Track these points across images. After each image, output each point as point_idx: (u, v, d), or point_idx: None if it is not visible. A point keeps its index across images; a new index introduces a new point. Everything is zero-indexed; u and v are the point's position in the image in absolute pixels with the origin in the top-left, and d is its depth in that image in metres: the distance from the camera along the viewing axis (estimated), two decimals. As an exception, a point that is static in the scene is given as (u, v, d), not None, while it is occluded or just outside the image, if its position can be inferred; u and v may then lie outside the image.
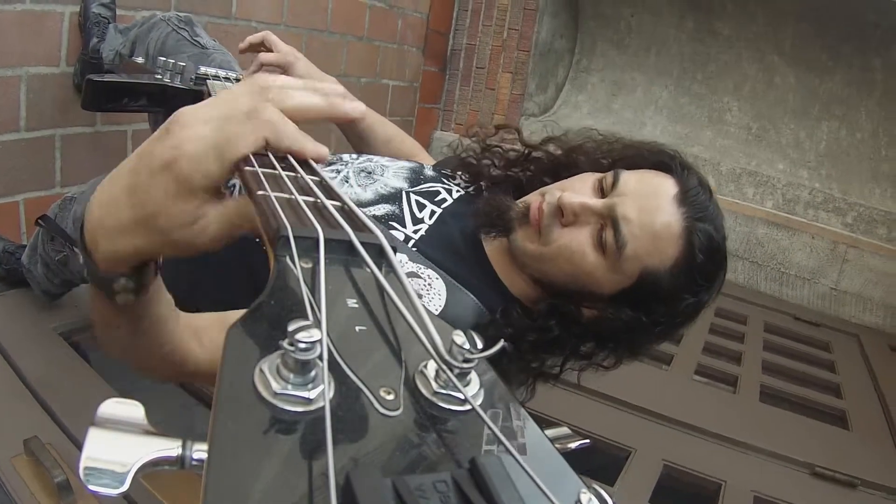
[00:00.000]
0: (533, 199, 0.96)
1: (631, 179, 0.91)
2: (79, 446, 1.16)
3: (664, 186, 0.91)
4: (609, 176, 0.92)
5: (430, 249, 0.94)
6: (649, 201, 0.88)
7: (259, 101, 0.43)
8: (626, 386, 1.73)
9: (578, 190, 0.92)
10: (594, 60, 3.41)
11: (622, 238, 0.87)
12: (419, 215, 1.00)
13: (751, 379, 1.97)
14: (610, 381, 1.71)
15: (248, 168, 0.41)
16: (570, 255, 0.90)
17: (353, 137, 1.37)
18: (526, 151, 1.12)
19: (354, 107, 0.48)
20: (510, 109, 3.38)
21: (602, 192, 0.92)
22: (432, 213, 1.01)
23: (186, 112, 0.43)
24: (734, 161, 2.93)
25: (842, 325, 2.59)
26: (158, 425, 0.26)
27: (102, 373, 1.45)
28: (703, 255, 0.88)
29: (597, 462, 1.53)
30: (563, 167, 1.04)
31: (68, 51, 1.72)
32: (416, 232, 0.97)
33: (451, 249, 0.97)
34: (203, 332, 0.70)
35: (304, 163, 0.44)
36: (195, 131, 0.41)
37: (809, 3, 2.62)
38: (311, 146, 0.44)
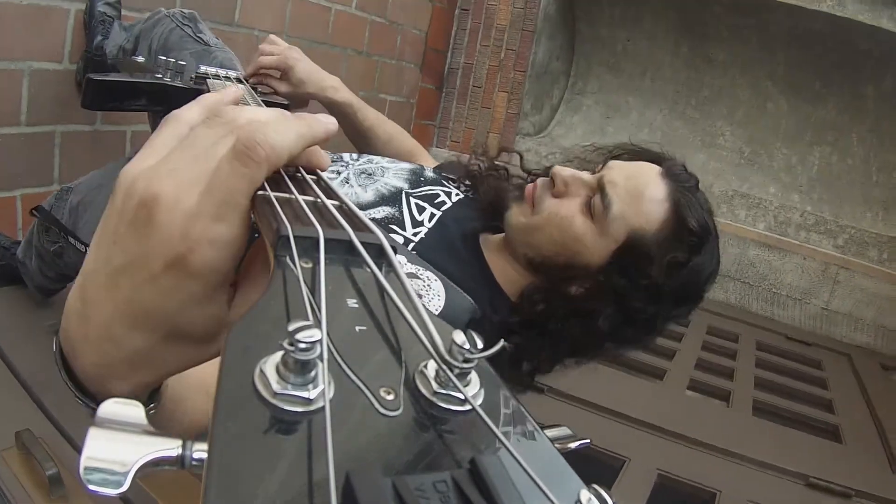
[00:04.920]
0: (528, 184, 1.02)
1: (620, 162, 0.98)
2: (70, 441, 1.15)
3: (651, 166, 0.97)
4: (600, 164, 0.99)
5: (429, 252, 0.95)
6: (637, 171, 0.95)
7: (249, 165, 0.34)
8: (620, 397, 1.74)
9: None
10: (589, 83, 3.46)
11: (608, 199, 0.91)
12: (419, 218, 1.01)
13: (743, 394, 1.98)
14: (604, 392, 1.72)
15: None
16: (559, 222, 0.93)
17: (355, 136, 1.38)
18: (529, 179, 1.14)
19: (331, 121, 0.40)
20: (505, 128, 3.41)
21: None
22: (432, 215, 1.02)
23: (159, 177, 0.33)
24: (726, 183, 2.97)
25: (833, 344, 2.61)
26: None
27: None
28: (689, 216, 0.91)
29: (591, 471, 1.52)
30: None
31: (72, 48, 1.72)
32: (415, 235, 0.98)
33: (449, 252, 0.98)
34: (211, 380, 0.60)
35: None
36: (189, 205, 0.32)
37: (802, 30, 2.68)
38: (317, 157, 0.41)
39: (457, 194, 1.10)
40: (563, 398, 1.70)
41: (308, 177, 0.41)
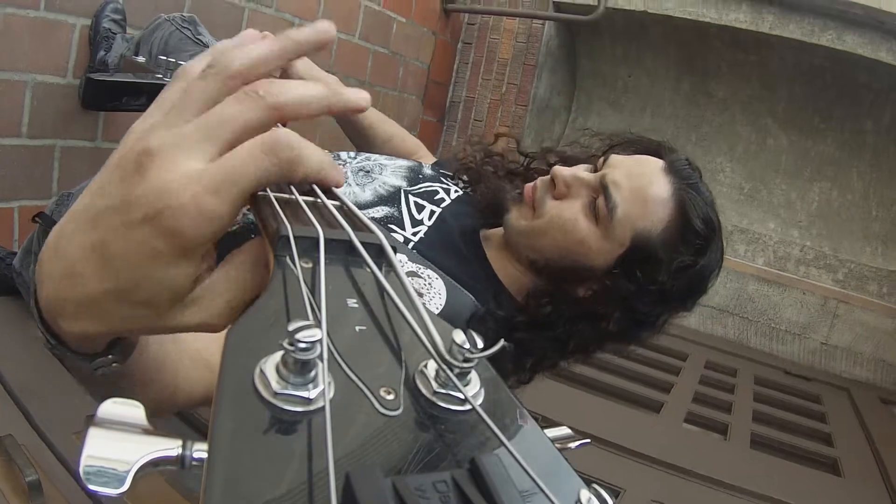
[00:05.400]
0: (527, 184, 0.99)
1: (620, 157, 0.94)
2: (53, 449, 1.13)
3: (654, 161, 0.94)
4: (601, 158, 0.96)
5: (430, 250, 0.94)
6: (639, 169, 0.91)
7: (252, 105, 0.34)
8: (616, 429, 1.72)
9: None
10: (590, 118, 3.49)
11: (612, 201, 0.88)
12: (418, 217, 1.00)
13: (741, 427, 1.95)
14: (600, 423, 1.70)
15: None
16: (562, 224, 0.91)
17: (354, 135, 1.38)
18: (525, 162, 1.14)
19: (360, 96, 0.38)
20: (506, 163, 3.43)
21: (595, 172, 0.95)
22: (431, 213, 1.01)
23: (157, 133, 0.33)
24: (726, 219, 2.95)
25: (832, 378, 2.60)
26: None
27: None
28: (694, 216, 0.89)
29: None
30: None
31: (76, 64, 1.74)
32: (415, 234, 0.97)
33: (450, 250, 0.97)
34: (209, 355, 0.59)
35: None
36: (192, 169, 0.32)
37: (802, 66, 2.71)
38: (335, 172, 0.37)
39: (456, 191, 1.09)
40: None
41: None
